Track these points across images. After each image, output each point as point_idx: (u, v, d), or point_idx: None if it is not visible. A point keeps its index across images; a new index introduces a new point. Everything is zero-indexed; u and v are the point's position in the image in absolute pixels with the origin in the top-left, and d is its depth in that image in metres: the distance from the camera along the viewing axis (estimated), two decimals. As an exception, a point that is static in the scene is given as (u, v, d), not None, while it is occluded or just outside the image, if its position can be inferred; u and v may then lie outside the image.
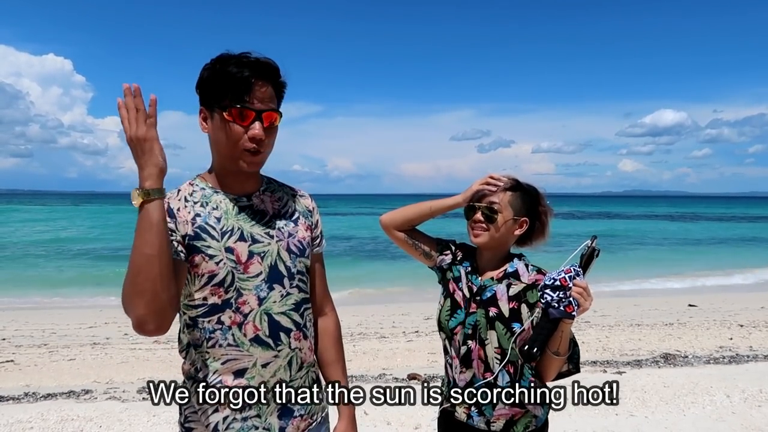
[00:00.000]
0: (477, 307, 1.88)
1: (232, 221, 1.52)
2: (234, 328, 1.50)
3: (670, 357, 6.45)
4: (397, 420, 4.36)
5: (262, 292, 1.52)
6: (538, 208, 1.95)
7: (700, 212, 75.05)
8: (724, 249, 26.35)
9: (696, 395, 4.86)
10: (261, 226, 1.55)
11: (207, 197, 1.54)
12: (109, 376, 6.01)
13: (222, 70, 1.46)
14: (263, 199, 1.61)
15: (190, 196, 1.54)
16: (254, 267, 1.51)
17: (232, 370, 1.52)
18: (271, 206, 1.61)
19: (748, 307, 10.56)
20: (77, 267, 18.86)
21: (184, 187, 1.57)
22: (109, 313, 10.57)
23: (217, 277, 1.48)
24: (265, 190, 1.63)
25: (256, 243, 1.53)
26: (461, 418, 1.92)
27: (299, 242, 1.62)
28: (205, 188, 1.56)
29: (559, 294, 1.64)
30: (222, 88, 1.45)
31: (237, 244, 1.50)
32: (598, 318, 9.44)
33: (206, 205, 1.52)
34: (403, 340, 7.76)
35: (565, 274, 1.66)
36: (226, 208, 1.53)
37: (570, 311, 1.64)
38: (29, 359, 6.75)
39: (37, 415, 4.45)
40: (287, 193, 1.69)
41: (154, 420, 4.37)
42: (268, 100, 1.49)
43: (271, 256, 1.54)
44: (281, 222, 1.60)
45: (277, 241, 1.56)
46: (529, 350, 1.68)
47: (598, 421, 4.31)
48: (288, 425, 1.58)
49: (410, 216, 2.03)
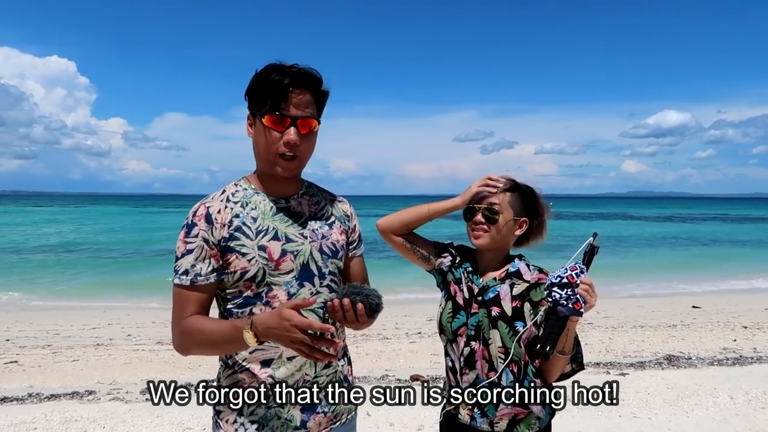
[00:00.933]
0: (479, 307, 1.88)
1: (268, 221, 1.61)
2: None
3: (673, 358, 6.43)
4: (400, 421, 4.36)
5: (292, 288, 1.60)
6: (537, 208, 1.96)
7: (704, 213, 74.82)
8: (727, 250, 26.25)
9: (699, 397, 4.85)
10: (296, 226, 1.65)
11: (248, 198, 1.64)
12: (113, 377, 6.02)
13: (265, 78, 1.55)
14: (301, 201, 1.70)
15: (232, 196, 1.64)
16: (286, 264, 1.60)
17: (259, 359, 1.61)
18: (308, 209, 1.70)
19: (752, 308, 10.52)
20: (82, 268, 18.90)
21: (229, 187, 1.68)
22: (113, 314, 10.60)
23: (249, 273, 1.57)
24: (304, 193, 1.73)
25: (289, 242, 1.62)
26: (464, 420, 1.91)
27: (333, 244, 1.70)
28: (248, 189, 1.66)
29: (567, 291, 1.65)
30: (263, 95, 1.55)
31: (270, 243, 1.59)
32: (602, 319, 9.42)
33: (246, 205, 1.62)
34: (405, 341, 7.75)
35: (572, 271, 1.67)
36: (264, 209, 1.63)
37: (578, 308, 1.65)
38: (33, 360, 6.76)
39: (41, 416, 4.46)
40: (325, 197, 1.78)
41: (158, 421, 4.38)
42: (305, 107, 1.56)
43: (303, 255, 1.63)
44: (316, 224, 1.69)
45: (311, 242, 1.65)
46: (542, 349, 1.69)
47: (601, 422, 4.30)
48: (310, 419, 1.64)
49: (408, 219, 2.02)
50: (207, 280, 1.57)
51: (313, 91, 1.58)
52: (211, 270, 1.57)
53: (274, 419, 1.61)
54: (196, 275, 1.56)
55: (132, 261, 20.94)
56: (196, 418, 4.39)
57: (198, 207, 1.61)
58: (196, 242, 1.56)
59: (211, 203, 1.61)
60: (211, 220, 1.58)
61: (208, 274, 1.56)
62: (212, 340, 1.53)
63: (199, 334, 1.54)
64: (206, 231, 1.56)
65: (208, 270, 1.56)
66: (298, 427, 1.63)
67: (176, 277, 1.58)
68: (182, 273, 1.56)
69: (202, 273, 1.56)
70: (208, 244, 1.56)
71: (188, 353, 1.60)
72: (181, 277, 1.57)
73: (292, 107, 1.53)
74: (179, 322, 1.58)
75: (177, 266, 1.58)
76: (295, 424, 1.63)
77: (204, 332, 1.53)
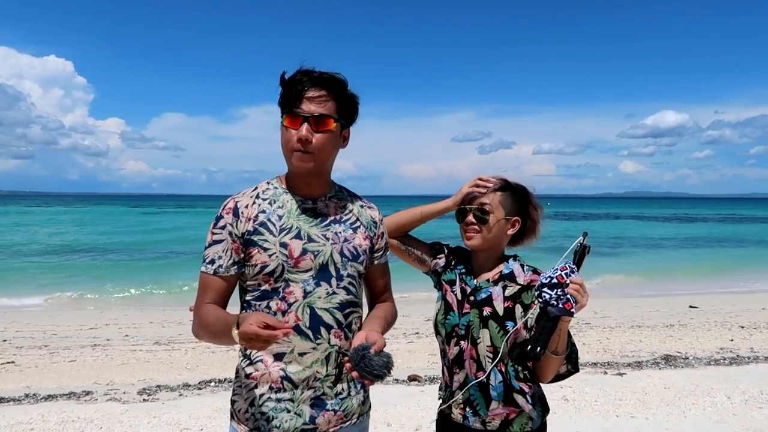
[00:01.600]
0: (470, 307, 1.89)
1: (292, 220, 1.68)
2: (278, 314, 1.64)
3: (670, 358, 6.44)
4: (398, 422, 4.36)
5: (309, 286, 1.65)
6: (529, 207, 1.96)
7: (701, 214, 74.98)
8: (724, 250, 26.32)
9: (697, 397, 4.86)
10: (319, 227, 1.69)
11: (276, 196, 1.71)
12: (110, 377, 6.01)
13: (285, 80, 1.63)
14: (328, 204, 1.75)
15: (262, 193, 1.72)
16: (305, 263, 1.65)
17: (272, 352, 1.65)
18: (333, 211, 1.74)
19: (749, 308, 10.55)
20: (78, 267, 18.86)
21: (261, 185, 1.75)
22: (110, 315, 10.58)
23: (268, 268, 1.64)
24: (332, 196, 1.77)
25: (311, 242, 1.67)
26: (457, 419, 1.92)
27: (354, 248, 1.73)
28: (278, 188, 1.74)
29: (557, 291, 1.65)
30: (284, 97, 1.63)
31: (292, 241, 1.65)
32: (599, 319, 9.44)
33: (273, 203, 1.70)
34: (403, 341, 7.76)
35: (561, 271, 1.67)
36: (290, 207, 1.70)
37: (569, 308, 1.64)
38: (30, 360, 6.75)
39: (37, 417, 4.45)
40: (354, 202, 1.82)
41: (155, 422, 4.37)
42: (320, 105, 1.61)
43: (323, 255, 1.67)
44: (340, 227, 1.73)
45: (332, 244, 1.69)
46: (532, 350, 1.69)
47: (598, 422, 4.31)
48: (319, 416, 1.67)
49: (402, 222, 2.03)
50: (227, 272, 1.66)
51: (333, 92, 1.63)
52: (232, 263, 1.66)
53: (283, 413, 1.64)
54: (219, 266, 1.66)
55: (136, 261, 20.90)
56: (193, 419, 4.39)
57: (228, 201, 1.70)
58: (222, 234, 1.66)
59: (241, 198, 1.70)
60: (238, 213, 1.66)
61: (229, 267, 1.66)
62: (214, 332, 1.61)
63: (206, 324, 1.64)
64: (232, 224, 1.65)
65: (229, 263, 1.66)
66: (306, 422, 1.66)
67: (203, 265, 1.68)
68: (208, 262, 1.67)
69: (223, 265, 1.65)
70: (232, 236, 1.65)
71: (200, 339, 1.71)
72: (207, 266, 1.67)
73: (305, 105, 1.60)
74: (199, 308, 1.68)
75: (205, 254, 1.68)
76: (304, 419, 1.65)
77: (210, 323, 1.62)
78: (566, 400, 4.74)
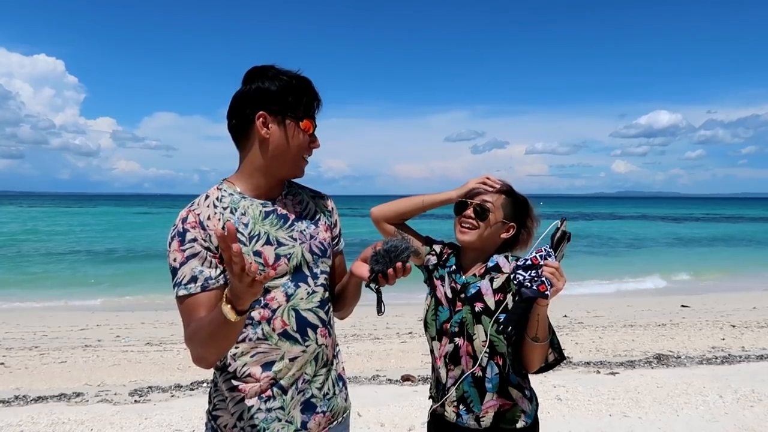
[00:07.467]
0: (462, 304, 1.89)
1: (258, 227, 1.61)
2: (263, 323, 1.58)
3: (663, 357, 6.48)
4: (391, 422, 4.35)
5: (290, 289, 1.62)
6: (527, 218, 1.98)
7: (692, 213, 75.46)
8: (715, 250, 26.50)
9: (689, 396, 4.88)
10: (285, 230, 1.65)
11: (235, 203, 1.62)
12: (101, 378, 5.96)
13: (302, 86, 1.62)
14: (285, 203, 1.70)
15: (218, 201, 1.62)
16: (281, 267, 1.61)
17: (260, 362, 1.59)
18: (293, 209, 1.70)
19: (740, 307, 10.62)
20: (70, 268, 18.75)
21: (212, 192, 1.64)
22: (101, 316, 10.50)
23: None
24: (287, 194, 1.73)
25: (281, 246, 1.62)
26: (450, 418, 1.92)
27: (321, 243, 1.71)
28: (233, 194, 1.63)
29: (530, 273, 1.65)
30: (301, 99, 1.61)
31: (264, 248, 1.59)
32: (591, 319, 9.48)
33: (235, 211, 1.60)
34: (396, 341, 7.76)
35: (536, 253, 1.68)
36: (254, 213, 1.62)
37: (543, 290, 1.64)
38: (20, 362, 6.68)
39: (27, 419, 4.41)
40: (307, 195, 1.79)
41: (146, 423, 4.34)
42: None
43: (296, 257, 1.64)
44: (303, 224, 1.70)
45: (301, 244, 1.66)
46: (504, 329, 1.71)
47: (591, 421, 4.32)
48: (310, 420, 1.65)
49: (402, 209, 2.04)
50: (218, 282, 1.53)
51: None
52: (220, 272, 1.54)
53: (275, 422, 1.60)
54: (207, 279, 1.52)
55: (127, 261, 20.78)
56: (185, 420, 4.36)
57: (186, 214, 1.57)
58: (195, 247, 1.53)
59: (200, 209, 1.58)
60: (205, 227, 1.55)
61: (218, 276, 1.53)
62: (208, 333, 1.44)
63: (198, 333, 1.47)
64: (204, 238, 1.54)
65: (217, 273, 1.53)
66: (299, 428, 1.63)
67: (181, 288, 1.51)
68: (188, 282, 1.51)
69: (212, 276, 1.52)
70: (210, 250, 1.53)
71: (204, 361, 1.50)
72: (188, 287, 1.51)
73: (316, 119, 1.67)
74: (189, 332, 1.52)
75: (179, 278, 1.52)
76: (296, 425, 1.62)
77: (200, 328, 1.46)
78: (559, 399, 4.74)
